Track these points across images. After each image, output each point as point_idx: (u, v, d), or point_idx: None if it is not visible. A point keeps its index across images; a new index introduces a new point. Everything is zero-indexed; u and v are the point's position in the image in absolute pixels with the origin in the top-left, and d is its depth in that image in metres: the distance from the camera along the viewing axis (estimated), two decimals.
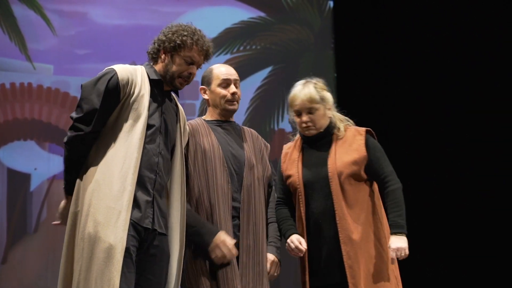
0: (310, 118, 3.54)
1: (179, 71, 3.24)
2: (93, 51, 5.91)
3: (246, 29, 6.43)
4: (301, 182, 3.52)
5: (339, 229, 3.43)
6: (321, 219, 3.49)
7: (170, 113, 3.30)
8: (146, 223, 3.11)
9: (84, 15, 5.95)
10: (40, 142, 5.77)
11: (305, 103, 3.54)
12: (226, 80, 3.62)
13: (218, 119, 3.65)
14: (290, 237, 3.52)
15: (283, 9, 6.55)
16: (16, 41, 5.78)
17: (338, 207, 3.44)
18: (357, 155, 3.51)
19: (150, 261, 3.14)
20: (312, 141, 3.60)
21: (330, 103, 3.58)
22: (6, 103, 5.72)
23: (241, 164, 3.57)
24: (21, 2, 5.82)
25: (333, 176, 3.47)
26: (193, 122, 3.61)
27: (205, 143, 3.53)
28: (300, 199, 3.51)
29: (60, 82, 5.82)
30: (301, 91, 3.57)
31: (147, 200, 3.11)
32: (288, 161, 3.62)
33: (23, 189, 5.70)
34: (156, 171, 3.15)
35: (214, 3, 6.35)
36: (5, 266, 5.58)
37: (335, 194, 3.45)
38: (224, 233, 3.38)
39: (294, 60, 6.52)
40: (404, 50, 6.26)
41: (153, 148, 3.16)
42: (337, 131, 3.57)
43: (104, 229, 2.98)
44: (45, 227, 5.68)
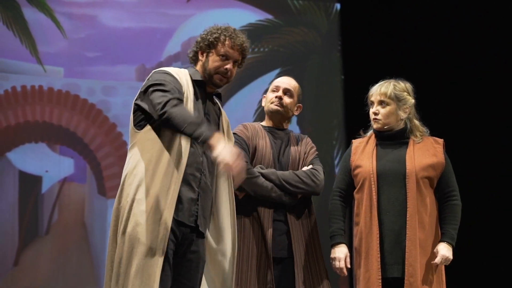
0: (379, 110, 3.69)
1: (216, 67, 3.26)
2: (103, 53, 5.94)
3: (253, 31, 6.44)
4: (375, 172, 3.62)
5: (408, 226, 3.54)
6: (392, 212, 3.59)
7: (213, 116, 3.33)
8: (190, 221, 3.13)
9: (93, 18, 5.98)
10: (51, 145, 5.79)
11: (378, 95, 3.70)
12: (277, 86, 3.86)
13: (270, 126, 3.85)
14: (337, 255, 3.67)
15: (290, 11, 6.57)
16: (27, 44, 5.80)
17: (411, 205, 3.56)
18: (436, 160, 3.65)
19: (186, 266, 3.17)
20: (387, 138, 3.72)
21: (407, 106, 3.70)
22: (17, 105, 5.74)
23: (284, 168, 3.73)
24: (32, 5, 5.84)
25: (410, 174, 3.59)
26: (252, 124, 3.82)
27: (258, 141, 3.73)
28: (373, 188, 3.60)
29: (71, 85, 5.84)
30: (380, 85, 3.75)
31: (192, 197, 3.14)
32: (360, 153, 3.73)
33: (35, 192, 5.72)
34: (201, 169, 3.18)
35: (222, 5, 6.37)
36: (17, 268, 5.59)
37: (410, 192, 3.57)
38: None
39: (301, 63, 6.54)
40: (411, 52, 6.27)
41: (199, 149, 3.18)
42: (414, 137, 3.72)
43: (144, 231, 3.01)
44: (56, 229, 5.70)
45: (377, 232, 3.56)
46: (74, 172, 5.78)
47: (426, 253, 3.57)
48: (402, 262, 3.55)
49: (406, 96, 3.71)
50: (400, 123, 3.72)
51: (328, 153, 6.44)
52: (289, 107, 3.82)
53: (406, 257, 3.52)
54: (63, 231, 5.68)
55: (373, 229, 3.58)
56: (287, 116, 3.85)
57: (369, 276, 3.56)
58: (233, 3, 6.40)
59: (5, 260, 5.57)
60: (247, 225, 3.62)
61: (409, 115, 3.72)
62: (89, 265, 5.65)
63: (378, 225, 3.57)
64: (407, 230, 3.54)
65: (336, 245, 3.70)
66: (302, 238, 3.67)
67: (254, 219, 3.63)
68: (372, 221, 3.59)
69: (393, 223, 3.58)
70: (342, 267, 3.66)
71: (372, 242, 3.57)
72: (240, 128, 3.80)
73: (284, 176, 3.66)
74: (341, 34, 6.61)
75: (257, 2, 6.47)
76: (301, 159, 3.80)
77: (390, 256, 3.56)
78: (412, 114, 3.74)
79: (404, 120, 3.72)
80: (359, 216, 3.66)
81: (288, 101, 3.81)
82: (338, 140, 6.48)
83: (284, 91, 3.83)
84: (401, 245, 3.55)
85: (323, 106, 6.53)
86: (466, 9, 6.23)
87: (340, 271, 3.69)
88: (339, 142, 6.47)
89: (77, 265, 5.66)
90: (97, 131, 5.77)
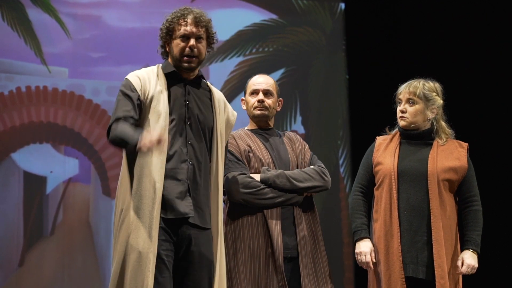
0: (406, 108, 3.70)
1: (179, 51, 3.26)
2: (108, 54, 5.94)
3: (258, 31, 6.44)
4: (396, 170, 3.63)
5: (433, 228, 3.55)
6: (410, 212, 3.59)
7: (200, 100, 3.31)
8: (184, 213, 3.13)
9: (98, 18, 5.98)
10: (56, 145, 5.79)
11: (407, 93, 3.70)
12: (255, 90, 3.82)
13: (256, 128, 3.83)
14: (362, 249, 3.66)
15: (295, 11, 6.56)
16: (32, 45, 5.81)
17: (434, 206, 3.56)
18: (458, 164, 3.65)
19: (189, 267, 3.17)
20: (412, 137, 3.72)
21: (435, 106, 3.71)
22: (22, 106, 5.74)
23: (286, 166, 3.72)
24: (36, 6, 5.84)
25: (432, 175, 3.59)
26: (237, 132, 3.78)
27: (251, 146, 3.71)
28: (394, 186, 3.61)
29: (75, 85, 5.84)
30: (409, 83, 3.75)
31: (181, 190, 3.15)
32: (383, 150, 3.73)
33: (39, 192, 5.72)
34: (187, 160, 3.18)
35: (226, 5, 6.37)
36: (22, 269, 5.59)
37: (432, 193, 3.58)
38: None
39: (306, 62, 6.54)
40: (416, 51, 6.26)
41: (180, 141, 3.19)
42: (439, 139, 3.71)
43: (135, 236, 3.04)
44: (61, 229, 5.70)
45: (398, 231, 3.57)
46: (79, 172, 5.78)
47: (446, 255, 3.56)
48: (416, 262, 3.55)
49: (434, 96, 3.71)
50: (426, 123, 3.72)
51: (333, 153, 6.43)
52: (272, 107, 3.80)
53: (434, 259, 3.52)
54: (68, 231, 5.68)
55: (394, 227, 3.58)
56: (272, 115, 3.85)
57: (390, 274, 3.56)
58: (237, 3, 6.39)
59: (10, 261, 5.58)
60: (255, 223, 3.61)
61: (436, 115, 3.72)
62: (94, 265, 5.65)
63: (398, 224, 3.57)
64: (432, 231, 3.54)
65: (360, 239, 3.69)
66: (307, 237, 3.67)
67: (262, 217, 3.62)
68: (392, 219, 3.59)
69: (410, 223, 3.58)
70: (368, 261, 3.66)
71: (393, 240, 3.57)
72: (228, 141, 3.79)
73: (294, 175, 3.66)
74: (345, 34, 6.60)
75: (261, 2, 6.46)
76: (299, 157, 3.80)
77: (406, 256, 3.56)
78: (439, 115, 3.74)
79: (431, 121, 3.72)
80: (378, 213, 3.66)
81: (270, 101, 3.79)
82: (343, 139, 6.47)
83: (264, 92, 3.79)
84: (416, 245, 3.56)
85: (327, 105, 6.53)
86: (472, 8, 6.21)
87: (366, 265, 3.68)
88: (343, 141, 6.47)
89: (82, 266, 5.66)
90: (102, 131, 5.77)
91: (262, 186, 3.61)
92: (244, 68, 6.33)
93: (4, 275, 5.56)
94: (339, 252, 6.21)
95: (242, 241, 3.58)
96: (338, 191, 6.39)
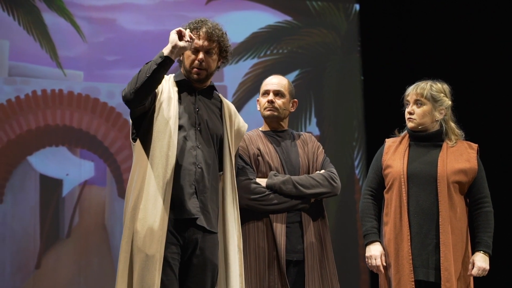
0: (414, 110, 3.68)
1: (189, 63, 3.30)
2: (122, 57, 5.96)
3: (272, 33, 6.45)
4: (405, 173, 3.61)
5: (441, 231, 3.53)
6: (420, 215, 3.58)
7: (209, 109, 3.35)
8: (191, 214, 3.16)
9: (113, 21, 6.00)
10: (72, 148, 5.83)
11: (414, 95, 3.68)
12: (266, 90, 3.80)
13: (269, 130, 3.82)
14: (373, 253, 3.65)
15: (309, 13, 6.56)
16: (47, 49, 5.85)
17: (443, 209, 3.54)
18: (468, 166, 3.63)
19: (193, 270, 3.19)
20: (421, 139, 3.70)
21: (443, 107, 3.68)
22: (38, 109, 5.78)
23: (295, 170, 3.71)
24: (52, 10, 5.88)
25: (442, 178, 3.57)
26: (250, 133, 3.77)
27: (261, 149, 3.70)
28: (403, 189, 3.59)
29: (90, 88, 5.87)
30: (417, 85, 3.72)
31: (189, 192, 3.17)
32: (393, 152, 3.72)
33: (56, 195, 5.76)
34: (196, 163, 3.21)
35: (240, 7, 6.38)
36: (39, 271, 5.63)
37: (442, 196, 3.56)
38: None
39: (321, 64, 6.53)
40: (431, 52, 6.24)
41: (190, 144, 3.22)
42: (448, 140, 3.69)
43: (142, 238, 3.06)
44: (77, 232, 5.74)
45: (408, 234, 3.55)
46: (95, 175, 5.81)
47: (456, 258, 3.54)
48: (427, 266, 3.54)
49: (442, 97, 3.68)
50: (435, 125, 3.69)
51: (348, 154, 6.42)
52: (283, 108, 3.78)
53: (441, 262, 3.50)
54: (84, 233, 5.71)
55: (404, 230, 3.57)
56: (284, 116, 3.82)
57: (399, 277, 3.55)
58: (252, 5, 6.40)
59: (27, 263, 5.62)
60: (260, 227, 3.62)
61: (445, 116, 3.69)
62: (110, 268, 5.66)
63: (408, 227, 3.56)
64: (440, 234, 3.52)
65: (370, 243, 3.68)
66: (314, 241, 3.66)
67: (268, 221, 3.62)
68: (402, 222, 3.58)
69: (420, 226, 3.57)
70: (378, 264, 3.64)
71: (403, 243, 3.56)
72: None
73: (301, 181, 3.65)
74: (360, 35, 6.60)
75: (275, 4, 6.47)
76: (311, 160, 3.78)
77: (416, 259, 3.55)
78: (448, 116, 3.70)
79: (439, 122, 3.69)
80: (388, 216, 3.65)
81: (280, 102, 3.76)
82: (358, 141, 6.46)
83: (275, 93, 3.77)
84: (427, 248, 3.55)
85: (342, 107, 6.52)
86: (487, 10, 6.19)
87: (377, 269, 3.66)
88: (359, 143, 6.45)
89: (98, 268, 5.68)
90: (117, 134, 5.80)
91: (267, 192, 3.61)
92: (259, 70, 6.34)
93: (21, 277, 5.60)
94: (355, 254, 6.18)
95: (247, 244, 3.59)
96: (353, 192, 6.38)
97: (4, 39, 5.77)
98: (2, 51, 5.74)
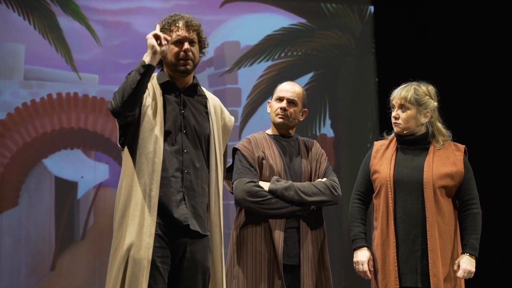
0: (399, 115, 3.65)
1: (174, 55, 3.24)
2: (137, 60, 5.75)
3: (287, 35, 6.45)
4: (392, 179, 3.59)
5: (429, 237, 3.50)
6: (407, 221, 3.55)
7: (195, 109, 3.31)
8: (179, 221, 3.14)
9: (127, 25, 6.04)
10: (86, 151, 5.87)
11: (398, 99, 3.65)
12: (281, 97, 3.83)
13: (276, 134, 3.85)
14: (359, 258, 3.64)
15: (324, 15, 6.56)
16: (62, 52, 5.90)
17: (430, 215, 3.51)
18: (454, 169, 3.59)
19: (183, 274, 3.18)
20: (408, 143, 3.67)
21: (428, 110, 3.64)
22: (53, 113, 5.83)
23: (297, 176, 3.73)
24: (67, 14, 5.93)
25: (427, 183, 3.54)
26: (256, 135, 3.81)
27: (266, 152, 3.72)
28: (390, 195, 3.57)
29: (105, 91, 5.92)
30: (401, 88, 3.69)
31: (177, 199, 3.16)
32: (380, 157, 3.70)
33: (70, 197, 5.80)
34: (182, 169, 3.19)
35: (255, 10, 6.39)
36: (54, 273, 5.68)
37: (428, 201, 3.52)
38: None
39: (335, 66, 6.53)
40: (445, 54, 6.22)
41: (176, 149, 3.20)
42: (435, 142, 3.65)
43: (130, 243, 3.06)
44: (92, 234, 5.78)
45: (394, 241, 3.53)
46: (109, 177, 5.85)
47: (445, 262, 3.51)
48: (415, 272, 3.51)
49: (427, 100, 3.63)
50: (421, 128, 3.66)
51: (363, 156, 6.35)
52: (294, 116, 3.81)
53: (430, 268, 3.47)
54: (99, 235, 5.74)
55: (390, 237, 3.54)
56: (293, 124, 3.85)
57: (386, 283, 3.54)
58: (266, 7, 6.41)
59: (43, 265, 5.66)
60: (259, 231, 3.63)
61: (431, 119, 3.65)
62: None
63: (394, 233, 3.54)
64: (428, 240, 3.49)
65: (358, 248, 3.67)
66: (311, 247, 3.66)
67: (267, 225, 3.63)
68: (388, 228, 3.56)
69: (407, 232, 3.54)
70: (365, 270, 3.64)
71: (389, 250, 3.54)
72: (242, 143, 3.79)
73: (304, 188, 3.66)
74: (375, 37, 6.59)
75: (290, 6, 6.47)
76: (313, 168, 3.79)
77: (404, 265, 3.53)
78: (435, 118, 3.66)
79: (425, 125, 3.66)
80: (377, 221, 3.63)
81: (292, 110, 3.79)
82: (372, 142, 6.43)
83: (289, 101, 3.80)
84: (415, 254, 3.52)
85: (357, 109, 6.51)
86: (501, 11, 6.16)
87: (364, 275, 3.66)
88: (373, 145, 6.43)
89: None
90: None
91: (269, 196, 3.62)
92: (273, 73, 6.35)
93: (36, 279, 5.65)
94: None
95: (245, 247, 3.62)
96: None
97: (19, 43, 5.83)
98: (18, 55, 5.81)
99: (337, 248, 6.09)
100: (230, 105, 6.10)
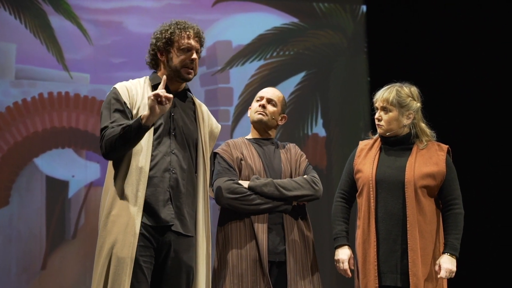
0: (381, 116, 3.67)
1: (181, 61, 3.27)
2: (129, 59, 5.99)
3: (279, 35, 6.46)
4: (374, 178, 3.60)
5: (409, 236, 3.51)
6: (388, 220, 3.57)
7: (185, 113, 3.34)
8: (164, 222, 3.17)
9: (119, 24, 6.05)
10: (78, 150, 5.87)
11: (381, 101, 3.68)
12: (261, 97, 3.90)
13: (255, 137, 3.88)
14: (340, 256, 3.67)
15: (316, 14, 6.56)
16: (54, 52, 5.90)
17: (411, 215, 3.52)
18: (436, 169, 3.59)
19: (167, 272, 3.20)
20: (391, 143, 3.69)
21: (411, 111, 3.65)
22: (44, 112, 5.83)
23: (277, 175, 3.74)
24: (58, 13, 5.93)
25: (409, 183, 3.55)
26: (234, 140, 3.85)
27: (244, 153, 3.74)
28: (371, 195, 3.59)
29: (97, 91, 5.92)
30: (383, 90, 3.72)
31: (163, 199, 3.18)
32: (364, 156, 3.71)
33: (61, 196, 5.80)
34: (170, 169, 3.21)
35: (247, 9, 6.39)
36: (45, 272, 5.68)
37: (409, 201, 3.53)
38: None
39: (327, 65, 6.53)
40: (437, 53, 6.23)
41: (164, 150, 3.22)
42: (419, 143, 3.67)
43: (114, 241, 3.08)
44: (83, 233, 5.78)
45: (375, 240, 3.55)
46: (100, 176, 5.84)
47: (426, 262, 3.53)
48: (396, 271, 3.53)
49: (410, 101, 3.65)
50: (404, 129, 3.67)
51: None
52: (272, 116, 3.84)
53: (409, 267, 3.48)
54: (90, 234, 5.74)
55: (371, 236, 3.56)
56: (271, 125, 3.87)
57: (366, 282, 3.56)
58: (258, 7, 6.41)
59: (34, 264, 5.67)
60: (242, 228, 3.64)
61: (414, 120, 3.66)
62: None
63: (375, 233, 3.56)
64: (408, 240, 3.50)
65: (339, 247, 3.70)
66: (297, 242, 3.67)
67: (249, 222, 3.64)
68: (370, 228, 3.58)
69: (388, 231, 3.55)
70: (346, 268, 3.67)
71: (370, 249, 3.56)
72: (221, 147, 3.82)
73: (283, 183, 3.67)
74: (367, 36, 6.59)
75: (282, 5, 6.48)
76: (293, 167, 3.80)
77: (384, 265, 3.54)
78: (418, 119, 3.67)
79: (408, 126, 3.67)
80: (360, 220, 3.65)
81: (271, 109, 3.83)
82: None
83: (268, 100, 3.85)
84: (395, 254, 3.53)
85: (349, 108, 6.52)
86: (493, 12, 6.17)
87: (345, 273, 3.69)
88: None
89: None
90: None
91: (248, 192, 3.63)
92: (265, 72, 6.35)
93: (27, 278, 5.64)
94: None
95: (230, 245, 3.62)
96: None
97: (11, 42, 5.83)
98: (9, 54, 5.80)
99: (329, 247, 6.09)
100: (222, 104, 6.11)
